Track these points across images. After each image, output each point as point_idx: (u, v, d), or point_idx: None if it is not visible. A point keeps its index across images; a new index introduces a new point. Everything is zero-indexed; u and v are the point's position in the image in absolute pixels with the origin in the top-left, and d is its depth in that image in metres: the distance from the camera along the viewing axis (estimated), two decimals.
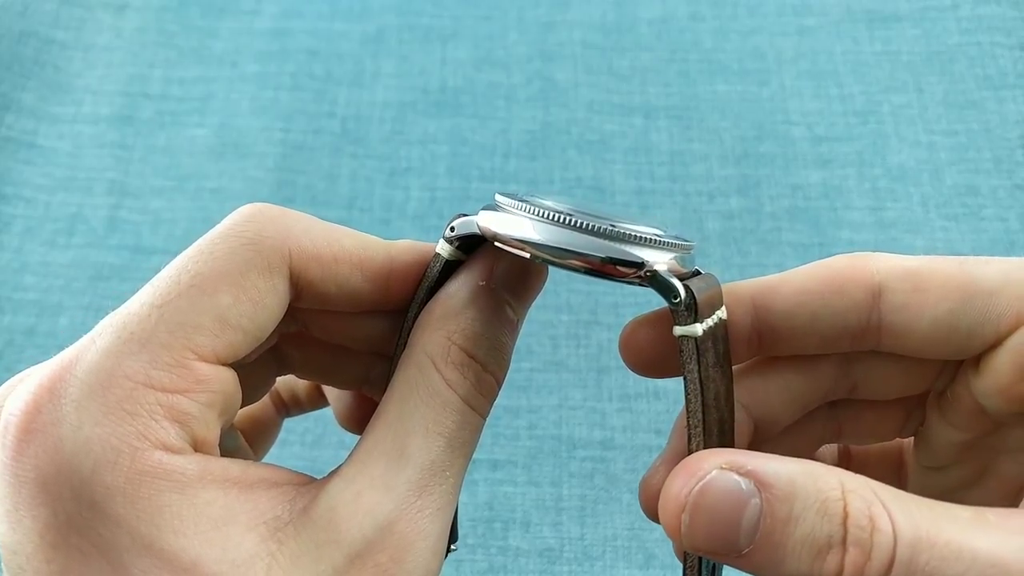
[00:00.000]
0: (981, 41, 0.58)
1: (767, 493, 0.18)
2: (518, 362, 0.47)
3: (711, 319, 0.20)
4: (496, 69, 0.59)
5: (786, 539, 0.17)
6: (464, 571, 0.42)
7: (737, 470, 0.18)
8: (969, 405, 0.22)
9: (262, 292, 0.20)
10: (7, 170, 0.55)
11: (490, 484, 0.44)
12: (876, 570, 0.17)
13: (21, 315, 0.50)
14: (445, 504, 0.20)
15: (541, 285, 0.23)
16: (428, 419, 0.20)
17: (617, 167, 0.55)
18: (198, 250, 0.20)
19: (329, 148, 0.56)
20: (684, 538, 0.19)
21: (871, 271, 0.22)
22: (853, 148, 0.55)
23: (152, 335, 0.19)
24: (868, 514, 0.17)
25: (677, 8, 0.61)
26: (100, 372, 0.18)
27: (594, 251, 0.19)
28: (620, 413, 0.46)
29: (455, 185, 0.54)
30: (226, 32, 0.61)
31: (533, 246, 0.19)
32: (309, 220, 0.22)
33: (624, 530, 0.43)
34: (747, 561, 0.18)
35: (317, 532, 0.19)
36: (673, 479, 0.19)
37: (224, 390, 0.20)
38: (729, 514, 0.18)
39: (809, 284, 0.22)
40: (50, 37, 0.60)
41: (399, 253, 0.22)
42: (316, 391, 0.30)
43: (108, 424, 0.18)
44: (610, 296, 0.50)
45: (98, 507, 0.18)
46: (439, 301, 0.22)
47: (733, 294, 0.22)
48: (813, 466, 0.18)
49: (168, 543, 0.18)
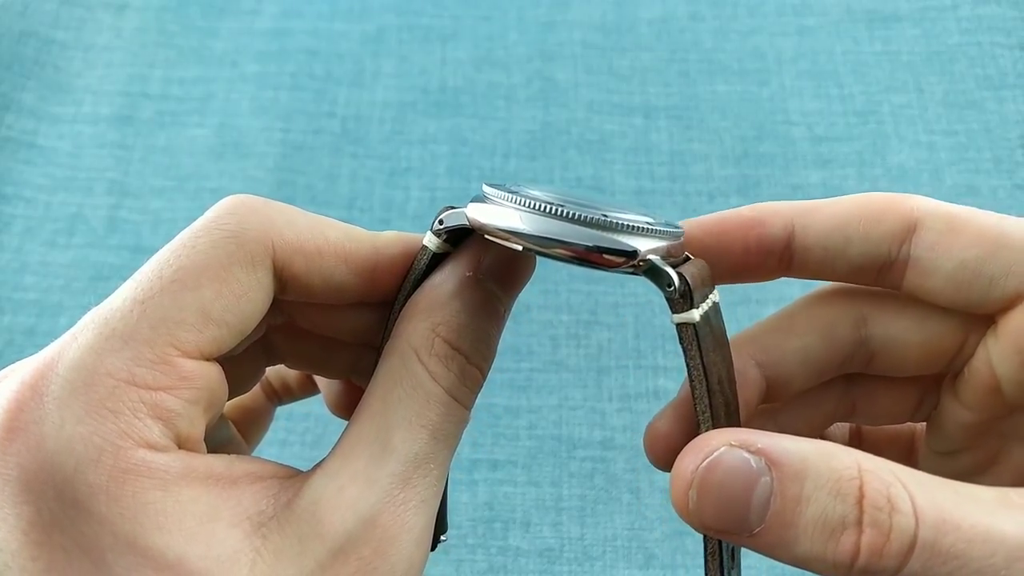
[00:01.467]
0: (981, 41, 0.58)
1: (777, 471, 0.17)
2: (518, 362, 0.47)
3: (705, 303, 0.20)
4: (496, 69, 0.59)
5: (797, 519, 0.17)
6: (464, 571, 0.42)
7: (747, 448, 0.18)
8: (985, 381, 0.22)
9: (245, 286, 0.20)
10: (7, 170, 0.55)
11: (490, 484, 0.44)
12: (896, 552, 0.16)
13: (21, 315, 0.50)
14: (429, 497, 0.20)
15: (529, 276, 0.23)
16: (411, 411, 0.20)
17: (617, 167, 0.55)
18: (180, 244, 0.20)
19: (329, 148, 0.56)
20: (692, 515, 0.18)
21: (911, 206, 0.22)
22: (853, 148, 0.55)
23: (135, 332, 0.19)
24: (886, 494, 0.17)
25: (677, 8, 0.61)
26: (82, 370, 0.18)
27: (585, 240, 0.19)
28: (620, 413, 0.46)
29: (455, 185, 0.54)
30: (226, 32, 0.61)
31: (522, 237, 0.19)
32: (293, 212, 0.21)
33: (624, 530, 0.43)
34: (759, 541, 0.18)
35: (301, 526, 0.19)
36: (682, 457, 0.19)
37: (208, 386, 0.20)
38: (738, 492, 0.18)
39: (848, 210, 0.22)
40: (50, 37, 0.60)
41: (385, 245, 0.22)
42: (307, 379, 0.29)
43: (91, 422, 0.18)
44: (610, 296, 0.50)
45: (81, 505, 0.18)
46: (424, 292, 0.22)
47: (775, 212, 0.23)
48: (827, 445, 0.18)
49: (152, 541, 0.18)
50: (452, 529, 0.43)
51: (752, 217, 0.23)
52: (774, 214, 0.23)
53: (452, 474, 0.44)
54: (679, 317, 0.19)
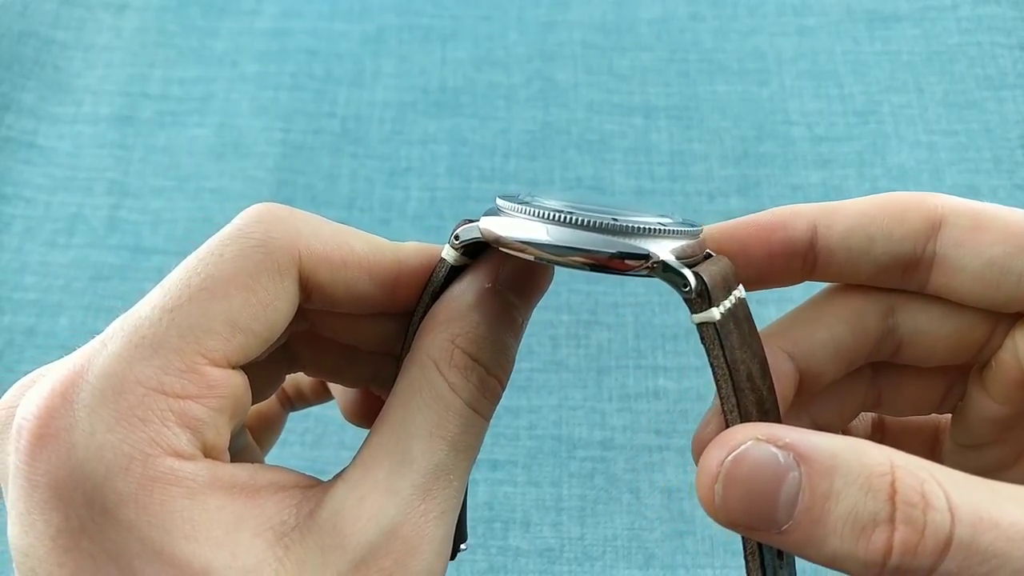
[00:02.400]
0: (981, 41, 0.58)
1: (806, 467, 0.17)
2: (518, 362, 0.47)
3: (728, 301, 0.20)
4: (496, 69, 0.59)
5: (827, 516, 0.17)
6: (464, 571, 0.42)
7: (775, 442, 0.17)
8: (1013, 374, 0.22)
9: (272, 295, 0.20)
10: (7, 170, 0.55)
11: (490, 484, 0.44)
12: (931, 550, 0.16)
13: (21, 315, 0.50)
14: (449, 508, 0.20)
15: (547, 285, 0.23)
16: (431, 423, 0.20)
17: (617, 167, 0.55)
18: (208, 252, 0.20)
19: (329, 148, 0.56)
20: (719, 511, 0.18)
21: (934, 204, 0.22)
22: (853, 148, 0.55)
23: (163, 340, 0.19)
24: (920, 491, 0.16)
25: (677, 8, 0.61)
26: (112, 377, 0.18)
27: (599, 247, 0.19)
28: (620, 413, 0.46)
29: (455, 185, 0.54)
30: (226, 32, 0.61)
31: (537, 247, 0.19)
32: (318, 221, 0.22)
33: (624, 530, 0.43)
34: (788, 539, 0.17)
35: (323, 537, 0.19)
36: (708, 452, 0.18)
37: (235, 394, 0.20)
38: (766, 487, 0.17)
39: (871, 208, 0.22)
40: (50, 37, 0.60)
41: (407, 256, 0.22)
42: (320, 386, 0.30)
43: (120, 430, 0.18)
44: (610, 296, 0.50)
45: (110, 513, 0.18)
46: (443, 304, 0.22)
47: (797, 214, 0.22)
48: (858, 442, 0.17)
49: (179, 549, 0.18)
50: None
51: (774, 220, 0.23)
52: (796, 216, 0.22)
53: None
54: (698, 317, 0.19)
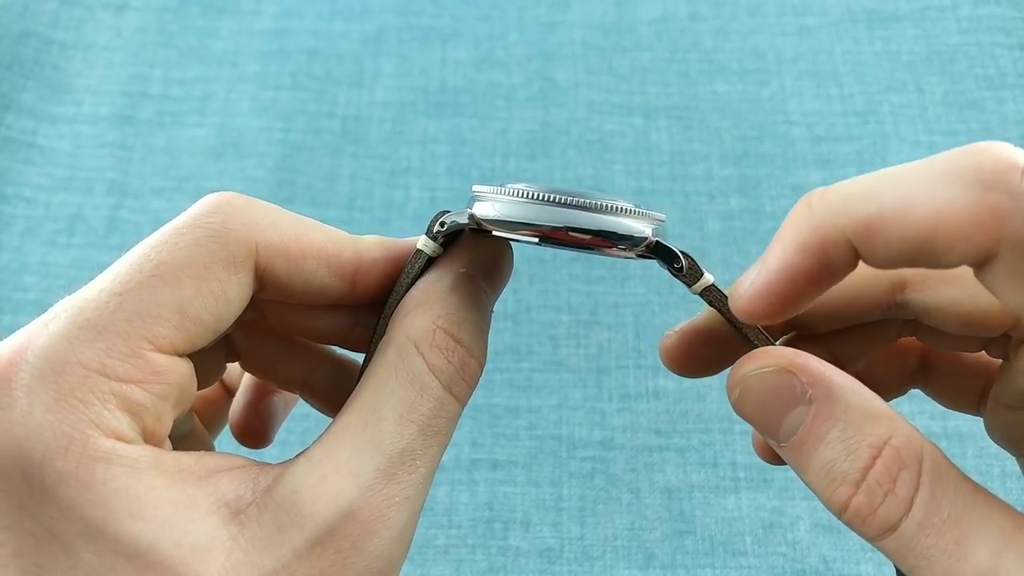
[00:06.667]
0: (981, 41, 0.58)
1: (816, 406, 0.18)
2: (518, 362, 0.47)
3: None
4: (496, 69, 0.59)
5: (812, 454, 0.18)
6: (464, 571, 0.42)
7: (799, 372, 0.19)
8: None
9: (225, 286, 0.20)
10: (7, 170, 0.55)
11: (490, 484, 0.44)
12: (877, 526, 0.18)
13: (21, 315, 0.50)
14: (414, 494, 0.20)
15: (510, 270, 0.24)
16: (404, 405, 0.20)
17: (617, 167, 0.55)
18: (161, 239, 0.20)
19: (329, 148, 0.56)
20: (735, 406, 0.20)
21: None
22: (853, 148, 0.55)
23: (110, 323, 0.18)
24: (894, 476, 0.17)
25: (677, 8, 0.61)
26: (52, 358, 0.18)
27: (596, 225, 0.20)
28: (620, 413, 0.46)
29: (455, 185, 0.54)
30: (226, 32, 0.61)
31: (534, 227, 0.20)
32: (277, 212, 0.21)
33: (624, 530, 0.43)
34: (783, 452, 0.19)
35: (279, 515, 0.19)
36: (745, 359, 0.20)
37: (180, 382, 0.19)
38: (776, 406, 0.19)
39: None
40: (50, 37, 0.60)
41: (367, 249, 0.22)
42: (221, 397, 0.29)
43: (59, 411, 0.18)
44: (610, 296, 0.50)
45: (49, 492, 0.17)
46: (420, 288, 0.22)
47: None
48: (877, 405, 0.18)
49: (124, 527, 0.17)
50: (452, 529, 0.43)
51: None
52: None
53: (452, 474, 0.44)
54: (699, 286, 0.21)
